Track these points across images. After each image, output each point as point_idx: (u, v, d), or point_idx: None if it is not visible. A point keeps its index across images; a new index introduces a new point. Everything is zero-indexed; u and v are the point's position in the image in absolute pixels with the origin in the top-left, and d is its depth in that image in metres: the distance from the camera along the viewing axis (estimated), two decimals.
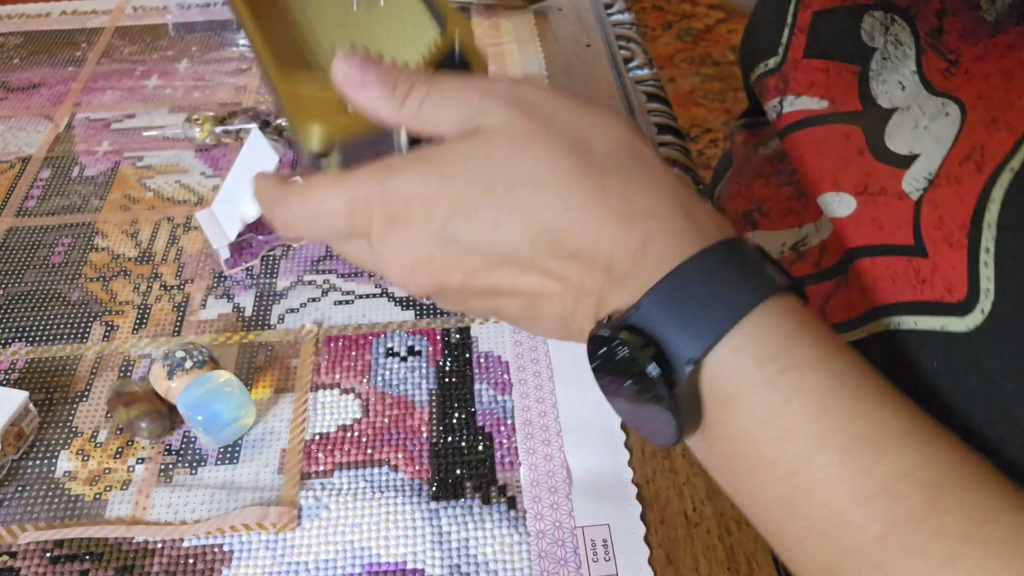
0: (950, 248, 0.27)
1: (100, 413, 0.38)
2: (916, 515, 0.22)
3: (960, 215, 0.27)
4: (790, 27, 0.40)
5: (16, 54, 0.63)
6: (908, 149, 0.31)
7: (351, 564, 0.33)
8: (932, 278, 0.28)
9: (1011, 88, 0.27)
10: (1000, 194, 0.25)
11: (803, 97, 0.39)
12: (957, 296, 0.27)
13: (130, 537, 0.34)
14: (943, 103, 0.30)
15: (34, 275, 0.45)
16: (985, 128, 0.27)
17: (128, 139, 0.54)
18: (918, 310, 0.29)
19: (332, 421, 0.38)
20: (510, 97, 0.27)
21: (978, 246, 0.26)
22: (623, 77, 0.59)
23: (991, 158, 0.26)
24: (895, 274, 0.30)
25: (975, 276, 0.26)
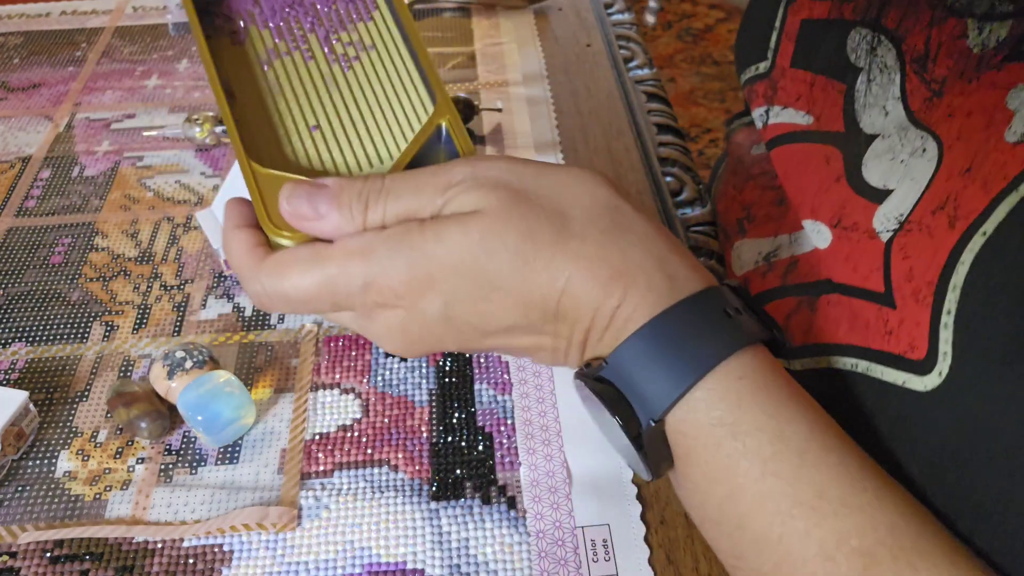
0: (917, 304, 0.27)
1: (100, 413, 0.38)
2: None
3: (930, 271, 0.27)
4: (778, 31, 0.40)
5: (16, 54, 0.63)
6: (883, 183, 0.31)
7: (351, 564, 0.33)
8: (898, 331, 0.28)
9: (990, 134, 0.26)
10: (970, 257, 0.25)
11: (789, 109, 0.38)
12: (919, 354, 0.27)
13: (130, 537, 0.34)
14: (922, 136, 0.30)
15: (34, 275, 0.45)
16: (960, 176, 0.27)
17: (128, 139, 0.54)
18: (884, 360, 0.29)
19: (332, 421, 0.38)
20: (476, 180, 0.27)
21: (941, 306, 0.26)
22: (623, 77, 0.59)
23: (964, 215, 0.26)
24: (867, 320, 0.30)
25: (936, 337, 0.26)
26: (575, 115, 0.56)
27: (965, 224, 0.26)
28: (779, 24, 0.40)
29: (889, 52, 0.32)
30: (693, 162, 0.54)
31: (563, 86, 0.58)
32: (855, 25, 0.34)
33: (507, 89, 0.57)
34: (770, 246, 0.40)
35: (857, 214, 0.32)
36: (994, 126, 0.26)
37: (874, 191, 0.31)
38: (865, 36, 0.33)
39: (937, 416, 0.26)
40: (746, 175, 0.45)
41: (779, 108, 0.39)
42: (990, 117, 0.27)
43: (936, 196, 0.28)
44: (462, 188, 0.27)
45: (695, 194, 0.50)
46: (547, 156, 0.52)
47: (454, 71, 0.60)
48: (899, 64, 0.32)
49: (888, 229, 0.30)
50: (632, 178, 0.50)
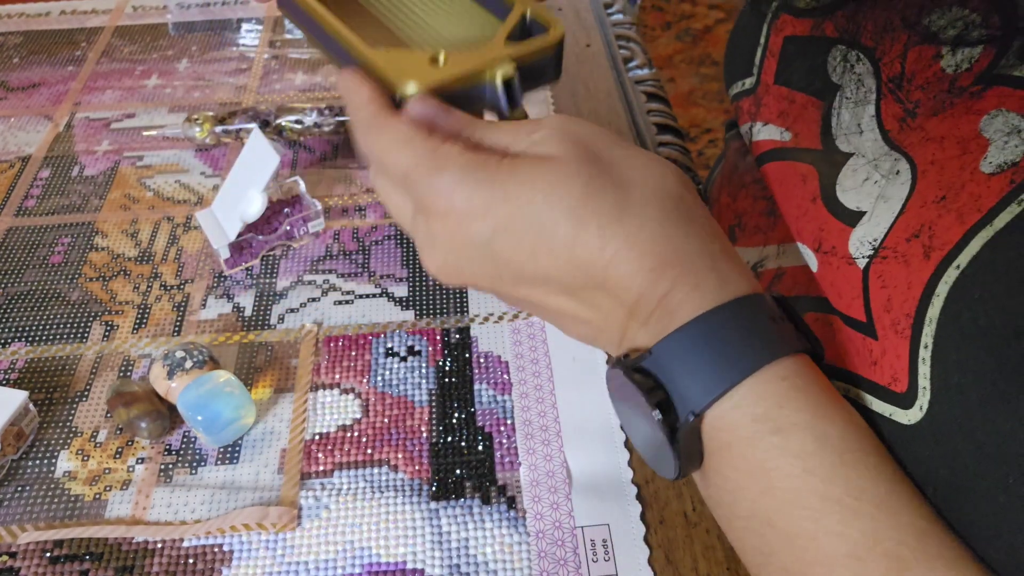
0: (896, 335, 0.27)
1: (100, 413, 0.38)
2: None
3: (907, 303, 0.27)
4: (763, 48, 0.40)
5: (16, 53, 0.63)
6: (856, 205, 0.31)
7: (351, 564, 0.33)
8: (882, 362, 0.28)
9: (965, 162, 0.26)
10: (944, 290, 0.25)
11: (770, 126, 0.38)
12: (901, 387, 0.27)
13: (130, 537, 0.34)
14: (896, 159, 0.30)
15: (34, 275, 0.45)
16: (935, 205, 0.27)
17: (128, 139, 0.54)
18: (871, 391, 0.29)
19: (332, 421, 0.38)
20: (561, 131, 0.28)
21: (919, 340, 0.26)
22: (623, 77, 0.59)
23: (939, 245, 0.26)
24: (854, 348, 0.30)
25: (915, 371, 0.26)
26: (575, 115, 0.55)
27: (940, 255, 0.26)
28: (764, 41, 0.40)
29: (866, 71, 0.32)
30: (692, 162, 0.54)
31: (563, 86, 0.58)
32: (835, 43, 0.34)
33: None
34: (757, 256, 0.40)
35: (834, 238, 0.32)
36: (969, 154, 0.26)
37: (848, 213, 0.31)
38: (844, 54, 0.33)
39: (920, 450, 0.26)
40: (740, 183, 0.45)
41: (761, 124, 0.39)
42: (964, 145, 0.27)
43: (910, 223, 0.28)
44: (547, 134, 0.28)
45: None
46: None
47: None
48: (875, 83, 0.32)
49: (863, 255, 0.30)
50: None
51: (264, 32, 0.64)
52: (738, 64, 0.43)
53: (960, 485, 0.25)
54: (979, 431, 0.24)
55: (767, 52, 0.40)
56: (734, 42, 0.44)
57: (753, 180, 0.43)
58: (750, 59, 0.41)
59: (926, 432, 0.26)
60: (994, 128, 0.26)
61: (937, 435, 0.25)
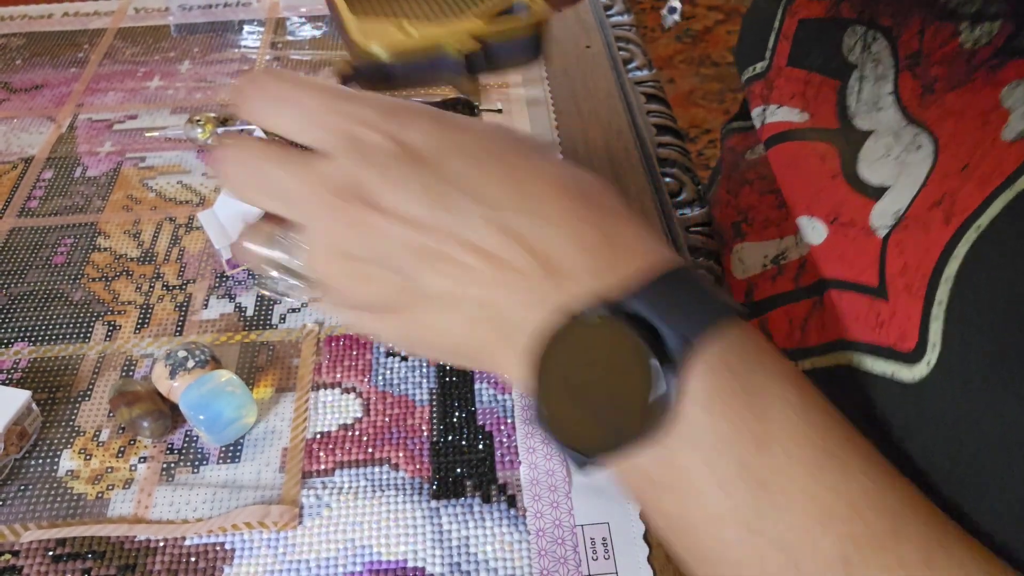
0: (909, 296, 0.27)
1: (102, 412, 0.38)
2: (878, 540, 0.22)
3: (924, 264, 0.27)
4: (776, 32, 0.40)
5: (19, 55, 0.63)
6: (879, 180, 0.31)
7: (352, 562, 0.33)
8: (889, 323, 0.28)
9: (986, 133, 0.26)
10: (963, 251, 0.25)
11: (784, 107, 0.39)
12: (908, 345, 0.27)
13: (132, 536, 0.34)
14: (916, 134, 0.30)
15: (37, 275, 0.45)
16: (957, 175, 0.27)
17: (130, 140, 0.54)
18: (873, 352, 0.29)
19: (333, 420, 0.38)
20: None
21: (933, 297, 0.26)
22: (622, 78, 0.60)
23: (960, 210, 0.26)
24: (858, 312, 0.30)
25: (926, 328, 0.26)
26: (575, 116, 0.56)
27: (960, 219, 0.26)
28: (778, 25, 0.40)
29: (884, 49, 0.32)
30: (692, 163, 0.54)
31: (563, 87, 0.58)
32: (851, 23, 0.34)
33: (507, 90, 0.58)
34: (776, 248, 0.40)
35: (854, 211, 0.32)
36: (990, 125, 0.27)
37: (871, 188, 0.32)
38: (860, 33, 0.34)
39: (924, 407, 0.26)
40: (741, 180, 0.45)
41: (775, 107, 0.39)
42: (986, 116, 0.27)
43: (932, 193, 0.28)
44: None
45: (694, 195, 0.51)
46: None
47: None
48: (893, 61, 0.32)
49: (885, 225, 0.30)
50: (631, 179, 0.51)
51: (265, 34, 0.64)
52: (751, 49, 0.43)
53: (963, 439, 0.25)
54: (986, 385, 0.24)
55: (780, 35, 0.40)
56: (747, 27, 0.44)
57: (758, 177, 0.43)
58: (763, 43, 0.42)
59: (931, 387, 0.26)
60: (1014, 98, 0.26)
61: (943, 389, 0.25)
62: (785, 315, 0.38)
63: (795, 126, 0.38)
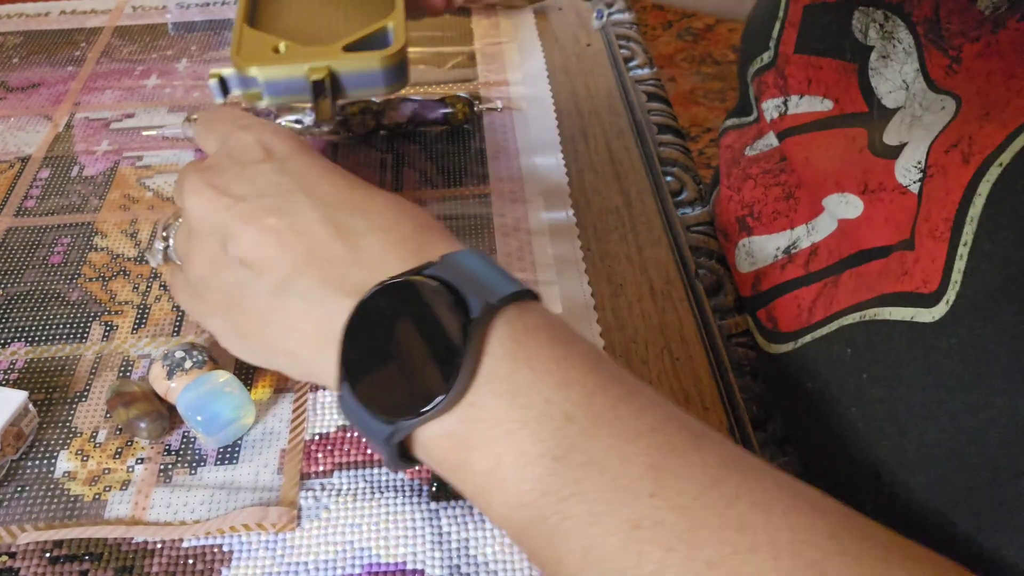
0: (933, 241, 0.27)
1: (99, 413, 0.38)
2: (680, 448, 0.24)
3: (946, 208, 0.27)
4: (781, 21, 0.40)
5: (15, 53, 0.63)
6: (898, 140, 0.31)
7: (351, 564, 0.33)
8: (913, 269, 0.28)
9: (1011, 85, 0.26)
10: (987, 188, 0.25)
11: (807, 97, 0.38)
12: (931, 287, 0.27)
13: (129, 537, 0.33)
14: (942, 100, 0.30)
15: (33, 275, 0.45)
16: (977, 120, 0.27)
17: (127, 139, 0.54)
18: (893, 301, 0.29)
19: (332, 421, 0.38)
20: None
21: (959, 239, 0.26)
22: (623, 76, 0.59)
23: (980, 149, 0.26)
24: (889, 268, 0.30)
25: (950, 268, 0.26)
26: (575, 115, 0.55)
27: (980, 159, 0.26)
28: (782, 13, 0.40)
29: (899, 27, 0.32)
30: (693, 162, 0.53)
31: (563, 86, 0.58)
32: (859, 5, 0.34)
33: (507, 89, 0.57)
34: (788, 239, 0.40)
35: (880, 175, 0.32)
36: (1015, 79, 0.26)
37: (891, 148, 0.31)
38: (871, 14, 0.33)
39: (940, 345, 0.26)
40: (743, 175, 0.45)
41: (797, 98, 0.39)
42: (1011, 73, 0.27)
43: (949, 138, 0.28)
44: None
45: (695, 194, 0.50)
46: (547, 156, 0.52)
47: (454, 71, 0.60)
48: (913, 37, 0.32)
49: (913, 180, 0.30)
50: (632, 178, 0.50)
51: None
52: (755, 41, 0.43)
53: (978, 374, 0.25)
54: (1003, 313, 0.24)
55: (786, 24, 0.40)
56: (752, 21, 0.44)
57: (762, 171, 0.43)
58: (767, 34, 0.41)
59: (947, 326, 0.26)
60: None
61: (960, 324, 0.25)
62: (794, 300, 0.38)
63: (822, 115, 0.37)
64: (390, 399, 0.26)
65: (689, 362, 0.40)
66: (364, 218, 0.29)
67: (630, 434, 0.24)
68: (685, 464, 0.23)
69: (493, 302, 0.25)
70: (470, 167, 0.51)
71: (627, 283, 0.44)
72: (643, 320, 0.42)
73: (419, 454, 0.27)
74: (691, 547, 0.22)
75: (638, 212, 0.48)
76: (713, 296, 0.44)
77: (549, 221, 0.47)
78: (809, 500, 0.23)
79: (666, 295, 0.43)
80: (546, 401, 0.24)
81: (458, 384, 0.25)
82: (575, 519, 0.23)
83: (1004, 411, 0.24)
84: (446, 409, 0.25)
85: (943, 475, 0.27)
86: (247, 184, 0.31)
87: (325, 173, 0.31)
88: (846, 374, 0.31)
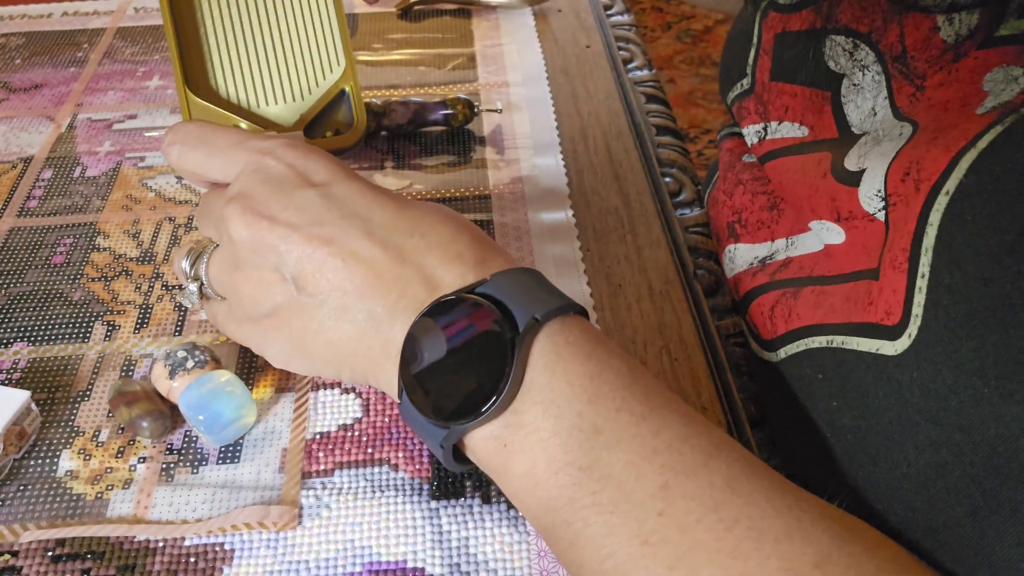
0: (894, 271, 0.28)
1: (102, 412, 0.38)
2: (691, 469, 0.25)
3: (903, 238, 0.27)
4: (756, 48, 0.40)
5: (18, 55, 0.63)
6: (857, 166, 0.31)
7: (351, 563, 0.33)
8: (878, 300, 0.29)
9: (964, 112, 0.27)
10: (937, 218, 0.26)
11: (785, 123, 0.39)
12: (893, 319, 0.28)
13: (132, 536, 0.34)
14: (901, 126, 0.30)
15: (36, 275, 0.45)
16: (925, 145, 0.27)
17: (130, 139, 0.54)
18: (859, 331, 0.29)
19: (333, 420, 0.38)
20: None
21: (916, 271, 0.26)
22: (622, 78, 0.60)
23: (927, 176, 0.26)
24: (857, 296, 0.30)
25: (910, 301, 0.27)
26: (575, 116, 0.56)
27: (928, 185, 0.26)
28: (756, 40, 0.40)
29: (868, 55, 0.32)
30: (692, 163, 0.54)
31: (563, 87, 0.58)
32: (828, 33, 0.34)
33: (507, 90, 0.58)
34: (767, 251, 0.40)
35: (847, 203, 0.32)
36: (968, 106, 0.27)
37: (852, 175, 0.32)
38: (840, 43, 0.34)
39: (902, 379, 0.27)
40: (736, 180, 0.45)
41: (776, 123, 0.39)
42: (966, 101, 0.27)
43: (901, 164, 0.28)
44: None
45: (694, 195, 0.51)
46: (547, 157, 0.52)
47: (454, 72, 0.60)
48: (881, 65, 0.32)
49: (877, 209, 0.30)
50: (631, 179, 0.51)
51: None
52: (733, 67, 0.43)
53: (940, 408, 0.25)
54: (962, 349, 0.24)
55: (760, 51, 0.40)
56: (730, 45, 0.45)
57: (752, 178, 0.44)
58: (744, 60, 0.42)
59: (910, 360, 0.26)
60: (994, 82, 0.26)
61: (921, 358, 0.26)
62: (758, 307, 0.38)
63: (797, 141, 0.38)
64: (445, 406, 0.28)
65: (687, 362, 0.40)
66: (421, 238, 0.30)
67: (648, 452, 0.25)
68: (693, 486, 0.25)
69: (538, 317, 0.27)
70: (470, 168, 0.51)
71: (626, 284, 0.44)
72: (642, 320, 0.42)
73: (469, 455, 0.30)
74: (690, 569, 0.23)
75: (637, 213, 0.48)
76: (711, 296, 0.44)
77: (548, 222, 0.47)
78: (803, 527, 0.24)
79: (665, 295, 0.43)
80: (578, 414, 0.26)
81: (504, 393, 0.27)
82: (595, 527, 0.25)
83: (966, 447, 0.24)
84: (494, 415, 0.27)
85: (916, 507, 0.27)
86: (296, 212, 0.31)
87: (374, 196, 0.32)
88: (819, 398, 0.31)
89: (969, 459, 0.24)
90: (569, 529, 0.26)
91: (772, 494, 0.25)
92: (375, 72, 0.60)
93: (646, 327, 0.42)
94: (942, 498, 0.25)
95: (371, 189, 0.32)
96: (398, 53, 0.62)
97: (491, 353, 0.27)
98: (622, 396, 0.27)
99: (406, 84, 0.59)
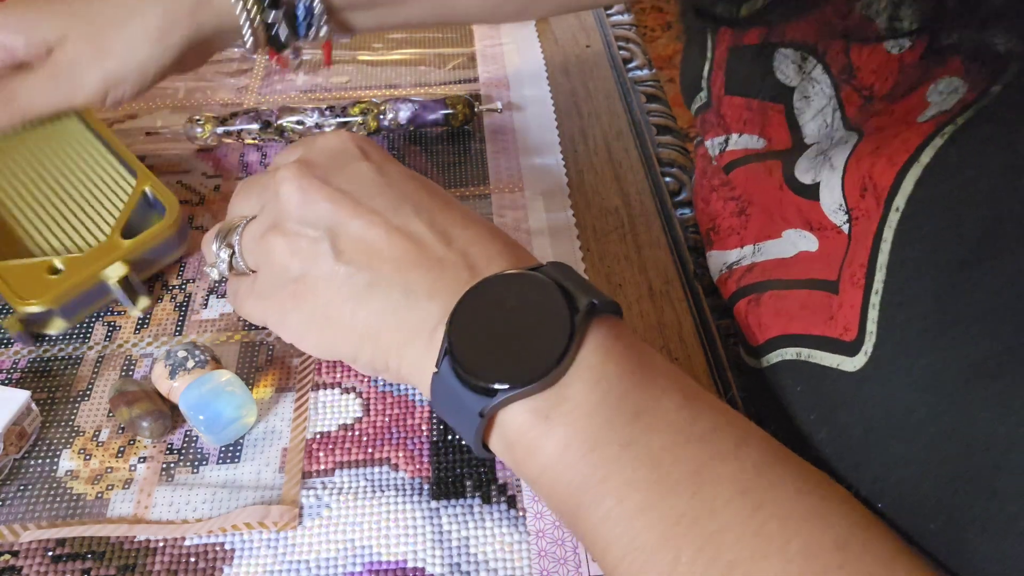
0: (852, 287, 0.28)
1: (102, 412, 0.38)
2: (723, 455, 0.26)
3: (861, 253, 0.28)
4: (710, 62, 0.41)
5: None
6: (811, 178, 0.32)
7: (352, 562, 0.33)
8: (838, 314, 0.29)
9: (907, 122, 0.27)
10: (890, 235, 0.26)
11: (745, 135, 0.39)
12: (850, 336, 0.28)
13: (132, 536, 0.34)
14: (849, 135, 0.30)
15: None
16: (869, 156, 0.28)
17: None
18: (822, 345, 0.30)
19: (333, 420, 0.38)
20: None
21: (871, 287, 0.27)
22: (622, 78, 0.60)
23: (879, 191, 0.27)
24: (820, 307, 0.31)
25: (865, 318, 0.27)
26: (575, 116, 0.56)
27: (881, 200, 0.27)
28: (710, 55, 0.41)
29: (816, 68, 0.33)
30: (692, 163, 0.54)
31: (563, 87, 0.58)
32: (777, 47, 0.35)
33: (507, 90, 0.58)
34: (736, 256, 0.40)
35: (814, 215, 0.32)
36: (911, 115, 0.27)
37: (807, 188, 0.32)
38: (789, 56, 0.34)
39: (863, 396, 0.27)
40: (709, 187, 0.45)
41: (736, 136, 0.40)
42: (909, 109, 0.27)
43: (855, 179, 0.29)
44: None
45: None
46: (547, 157, 0.52)
47: (454, 71, 0.60)
48: (829, 77, 0.32)
49: (843, 222, 0.30)
50: (632, 179, 0.51)
51: None
52: (691, 81, 0.43)
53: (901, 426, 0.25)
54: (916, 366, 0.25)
55: (714, 65, 0.40)
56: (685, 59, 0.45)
57: (721, 183, 0.44)
58: (699, 74, 0.42)
59: (869, 375, 0.27)
60: (937, 91, 0.27)
61: (878, 376, 0.26)
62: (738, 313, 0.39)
63: (755, 151, 0.38)
64: (495, 372, 0.27)
65: (687, 361, 0.40)
66: (464, 229, 0.31)
67: (684, 437, 0.26)
68: (725, 471, 0.26)
69: (597, 302, 0.28)
70: (470, 168, 0.51)
71: (626, 283, 0.44)
72: (642, 320, 0.42)
73: (496, 435, 0.29)
74: (717, 548, 0.24)
75: (637, 212, 0.48)
76: (711, 296, 0.44)
77: (549, 221, 0.47)
78: (824, 511, 0.25)
79: (665, 295, 0.43)
80: (623, 395, 0.27)
81: (563, 363, 0.27)
82: (628, 505, 0.26)
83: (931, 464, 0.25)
84: (545, 385, 0.27)
85: (895, 520, 0.27)
86: (350, 180, 0.32)
87: (423, 184, 0.33)
88: (798, 409, 0.32)
89: (935, 475, 0.25)
90: (599, 507, 0.26)
91: (797, 480, 0.26)
92: (375, 72, 0.60)
93: (646, 326, 0.42)
94: (917, 512, 0.26)
95: (421, 178, 0.33)
96: (398, 53, 0.62)
97: (554, 325, 0.28)
98: (663, 386, 0.28)
99: (406, 84, 0.59)
